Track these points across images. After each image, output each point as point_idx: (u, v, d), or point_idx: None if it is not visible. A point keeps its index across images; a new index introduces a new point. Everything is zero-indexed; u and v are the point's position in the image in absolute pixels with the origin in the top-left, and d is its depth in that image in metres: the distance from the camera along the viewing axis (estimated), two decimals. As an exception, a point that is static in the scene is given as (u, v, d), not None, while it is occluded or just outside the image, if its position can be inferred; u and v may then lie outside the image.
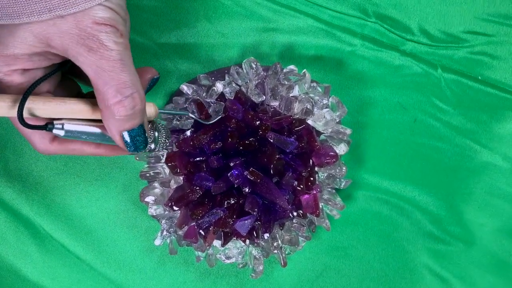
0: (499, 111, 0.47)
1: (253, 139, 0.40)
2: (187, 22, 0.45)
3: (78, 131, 0.31)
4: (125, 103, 0.29)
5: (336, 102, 0.42)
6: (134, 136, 0.31)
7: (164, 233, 0.43)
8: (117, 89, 0.28)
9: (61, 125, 0.31)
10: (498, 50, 0.46)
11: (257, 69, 0.41)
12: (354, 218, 0.48)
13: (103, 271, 0.47)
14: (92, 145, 0.34)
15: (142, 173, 0.42)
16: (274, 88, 0.41)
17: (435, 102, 0.47)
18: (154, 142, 0.34)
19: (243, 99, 0.41)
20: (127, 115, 0.29)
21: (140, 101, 0.29)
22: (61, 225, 0.47)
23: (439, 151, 0.47)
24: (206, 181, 0.40)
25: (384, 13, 0.45)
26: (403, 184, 0.48)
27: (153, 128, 0.34)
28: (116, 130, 0.30)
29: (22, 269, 0.47)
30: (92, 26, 0.27)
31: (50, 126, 0.31)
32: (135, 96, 0.29)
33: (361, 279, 0.48)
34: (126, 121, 0.30)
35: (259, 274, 0.44)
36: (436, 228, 0.48)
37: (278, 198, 0.39)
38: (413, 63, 0.46)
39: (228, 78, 0.42)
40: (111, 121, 0.30)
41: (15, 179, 0.46)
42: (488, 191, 0.48)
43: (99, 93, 0.29)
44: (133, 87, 0.29)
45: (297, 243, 0.43)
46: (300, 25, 0.46)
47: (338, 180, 0.43)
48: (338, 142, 0.43)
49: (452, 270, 0.48)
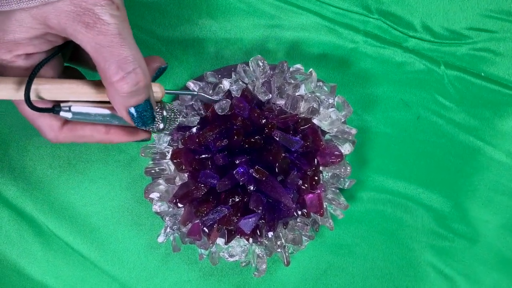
0: (502, 107, 0.47)
1: (259, 137, 0.40)
2: (191, 18, 0.45)
3: (86, 113, 0.31)
4: (128, 79, 0.28)
5: (342, 102, 0.42)
6: (141, 111, 0.30)
7: (167, 230, 0.43)
8: (119, 65, 0.27)
9: (68, 107, 0.30)
10: (501, 47, 0.46)
11: (264, 67, 0.41)
12: (358, 216, 0.48)
13: (107, 269, 0.47)
14: (102, 130, 0.33)
15: (147, 169, 0.42)
16: (280, 87, 0.41)
17: (438, 99, 0.47)
18: (163, 121, 0.34)
19: (249, 97, 0.41)
20: (131, 92, 0.29)
21: (143, 76, 0.29)
22: (65, 223, 0.47)
23: (442, 148, 0.47)
24: (211, 179, 0.40)
25: (386, 9, 0.45)
26: (407, 182, 0.48)
27: (162, 108, 0.34)
28: (122, 106, 0.30)
29: (26, 268, 0.47)
30: (87, 0, 0.26)
31: (57, 108, 0.30)
32: (138, 71, 0.28)
33: (365, 277, 0.48)
34: (131, 97, 0.29)
35: (262, 272, 0.43)
36: (440, 225, 0.48)
37: (283, 197, 0.39)
38: (416, 60, 0.46)
39: (234, 76, 0.42)
40: (116, 98, 0.29)
41: (19, 178, 0.46)
42: (492, 188, 0.48)
43: (101, 71, 0.28)
44: (134, 62, 0.28)
45: (300, 242, 0.43)
46: (303, 22, 0.46)
47: (343, 180, 0.43)
48: (343, 142, 0.43)
49: (456, 268, 0.48)
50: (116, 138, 0.34)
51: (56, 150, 0.46)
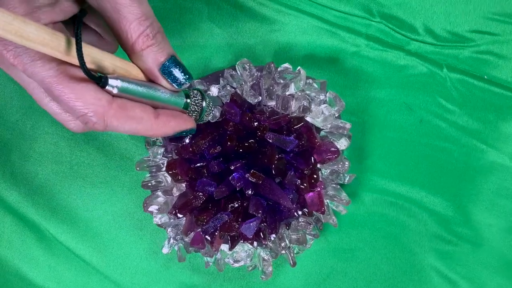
0: (506, 110, 0.46)
1: (252, 140, 0.40)
2: (191, 23, 0.45)
3: (132, 88, 0.29)
4: (147, 31, 0.28)
5: (334, 97, 0.42)
6: (171, 68, 0.30)
7: (171, 241, 0.43)
8: (139, 22, 0.28)
9: (116, 78, 0.28)
10: (504, 49, 0.46)
11: (250, 70, 0.41)
12: (361, 220, 0.48)
13: (109, 274, 0.47)
14: (151, 113, 0.30)
15: (144, 183, 0.42)
16: (269, 88, 0.41)
17: (441, 102, 0.47)
18: (202, 112, 0.34)
19: (239, 102, 0.40)
20: (153, 44, 0.29)
21: (159, 28, 0.29)
22: (67, 229, 0.47)
23: (445, 151, 0.47)
24: (209, 186, 0.39)
25: (389, 12, 0.45)
26: (410, 185, 0.47)
27: (199, 94, 0.34)
28: (152, 64, 0.29)
29: (28, 273, 0.47)
30: None
31: (104, 79, 0.28)
32: (154, 24, 0.29)
33: (368, 281, 0.48)
34: (157, 51, 0.29)
35: (269, 275, 0.43)
36: (443, 229, 0.48)
37: (281, 198, 0.39)
38: (419, 63, 0.46)
39: (222, 82, 0.42)
40: (143, 56, 0.29)
41: (21, 183, 0.46)
42: (496, 191, 0.47)
43: (122, 32, 0.28)
44: (151, 17, 0.29)
45: (305, 242, 0.43)
46: (305, 26, 0.46)
47: (342, 175, 0.43)
48: (338, 137, 0.42)
49: (460, 272, 0.48)
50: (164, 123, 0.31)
51: (58, 156, 0.46)
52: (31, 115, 0.46)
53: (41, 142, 0.46)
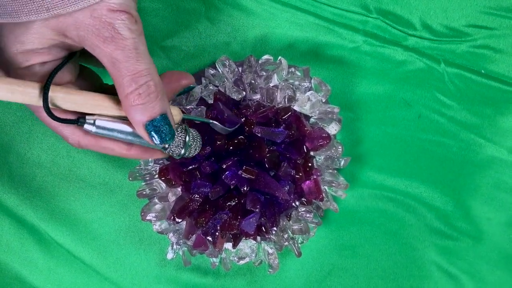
0: (503, 104, 0.47)
1: (241, 137, 0.39)
2: (189, 23, 0.45)
3: (110, 128, 0.31)
4: (140, 91, 0.28)
5: (318, 83, 0.42)
6: (158, 126, 0.30)
7: (174, 247, 0.43)
8: (133, 78, 0.28)
9: (93, 120, 0.30)
10: (501, 43, 0.46)
11: (230, 66, 0.41)
12: (361, 216, 0.48)
13: (109, 276, 0.47)
14: (124, 146, 0.33)
15: (139, 192, 0.42)
16: (252, 82, 0.41)
17: (439, 97, 0.47)
18: (185, 147, 0.34)
19: (223, 100, 0.40)
20: (143, 103, 0.29)
21: (155, 88, 0.29)
22: (66, 231, 0.47)
23: (444, 146, 0.47)
24: (204, 188, 0.39)
25: (385, 8, 0.45)
26: (409, 181, 0.48)
27: (185, 133, 0.34)
28: (138, 120, 0.30)
29: (27, 276, 0.47)
30: (107, 14, 0.27)
31: (82, 120, 0.30)
32: (150, 84, 0.29)
33: (369, 277, 0.48)
34: (145, 110, 0.29)
35: (276, 268, 0.43)
36: (443, 224, 0.48)
37: (277, 191, 0.39)
38: (416, 58, 0.46)
39: (204, 81, 0.42)
40: (131, 112, 0.29)
41: (19, 185, 0.46)
42: (495, 185, 0.47)
43: (117, 84, 0.29)
44: (148, 75, 0.28)
45: (308, 231, 0.43)
46: (301, 23, 0.45)
47: (337, 160, 0.43)
48: (328, 122, 0.42)
49: (460, 266, 0.48)
50: (137, 154, 0.34)
51: (56, 158, 0.46)
52: (29, 117, 0.45)
53: (38, 144, 0.46)
